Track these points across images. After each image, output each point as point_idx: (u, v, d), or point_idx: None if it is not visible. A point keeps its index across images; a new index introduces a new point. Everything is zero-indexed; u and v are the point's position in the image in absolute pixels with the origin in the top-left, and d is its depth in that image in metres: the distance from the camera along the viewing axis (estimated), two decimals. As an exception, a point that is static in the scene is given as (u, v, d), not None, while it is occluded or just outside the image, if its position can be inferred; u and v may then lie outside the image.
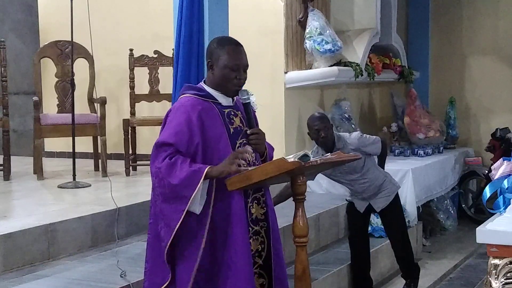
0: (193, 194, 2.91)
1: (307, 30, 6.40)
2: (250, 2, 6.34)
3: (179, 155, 2.96)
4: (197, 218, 2.99)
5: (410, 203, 5.98)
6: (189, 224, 2.98)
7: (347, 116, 6.86)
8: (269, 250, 3.19)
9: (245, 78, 3.15)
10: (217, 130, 3.07)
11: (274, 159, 3.19)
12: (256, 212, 3.16)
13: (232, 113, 3.15)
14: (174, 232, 2.95)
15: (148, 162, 6.61)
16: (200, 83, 3.22)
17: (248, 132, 3.14)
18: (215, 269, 3.03)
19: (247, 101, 3.16)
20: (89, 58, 6.32)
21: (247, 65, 3.14)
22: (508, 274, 2.59)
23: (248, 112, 3.17)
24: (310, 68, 6.48)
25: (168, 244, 2.97)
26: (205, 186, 2.97)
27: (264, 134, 3.19)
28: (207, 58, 3.17)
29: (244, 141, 3.13)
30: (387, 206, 4.92)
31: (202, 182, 2.92)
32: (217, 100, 3.13)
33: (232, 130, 3.11)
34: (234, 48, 3.12)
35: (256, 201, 3.16)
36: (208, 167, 2.94)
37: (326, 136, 4.68)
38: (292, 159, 2.98)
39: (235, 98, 3.20)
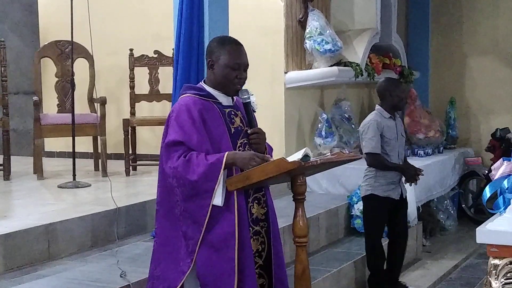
0: (216, 187, 2.91)
1: (307, 30, 6.40)
2: (250, 2, 6.35)
3: (192, 152, 2.95)
4: (224, 208, 2.98)
5: (410, 203, 5.93)
6: (215, 216, 2.96)
7: (347, 116, 6.86)
8: (269, 250, 3.19)
9: (245, 78, 3.15)
10: (219, 130, 3.06)
11: (273, 159, 3.18)
12: (257, 212, 3.16)
13: (233, 113, 3.15)
14: (204, 228, 2.93)
15: (148, 162, 6.65)
16: (200, 82, 3.22)
17: (248, 131, 3.14)
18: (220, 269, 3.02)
19: (247, 101, 3.16)
20: (89, 58, 6.32)
21: (248, 65, 3.14)
22: (508, 274, 2.59)
23: (248, 112, 3.17)
24: (310, 68, 6.48)
25: (200, 240, 2.94)
26: (224, 176, 2.96)
27: (264, 133, 3.19)
28: (207, 58, 3.16)
29: (245, 141, 3.13)
30: (405, 197, 5.02)
31: (222, 173, 2.92)
32: (217, 100, 3.13)
33: (233, 130, 3.11)
34: (235, 47, 3.12)
35: (256, 201, 3.16)
36: (226, 156, 2.93)
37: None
38: (295, 158, 2.98)
39: (234, 98, 3.20)
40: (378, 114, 4.97)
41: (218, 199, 2.94)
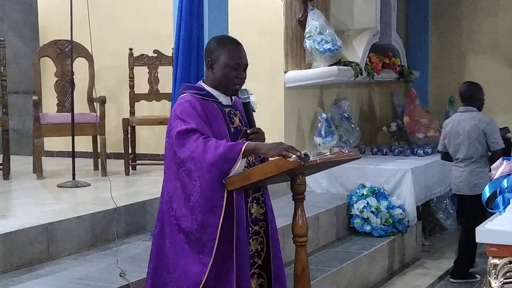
0: (232, 169, 2.87)
1: (306, 30, 6.40)
2: (250, 1, 6.34)
3: (211, 137, 2.92)
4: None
5: (409, 202, 5.98)
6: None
7: (346, 115, 6.86)
8: (268, 250, 3.18)
9: (245, 77, 3.15)
10: (220, 129, 3.06)
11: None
12: (256, 212, 3.16)
13: (232, 112, 3.15)
14: (223, 211, 2.89)
15: (148, 162, 6.62)
16: (199, 82, 3.21)
17: (248, 131, 3.14)
18: (220, 268, 3.01)
19: (247, 100, 3.16)
20: (89, 58, 6.31)
21: (247, 64, 3.14)
22: (508, 274, 2.59)
23: (248, 111, 3.17)
24: (310, 68, 6.48)
25: (220, 227, 2.89)
26: (243, 163, 2.93)
27: (263, 133, 3.19)
28: (206, 57, 3.15)
29: (244, 141, 3.13)
30: None
31: (241, 157, 2.88)
32: (217, 99, 3.12)
33: (232, 129, 3.11)
34: (235, 47, 3.12)
35: (255, 201, 3.16)
36: (247, 143, 2.92)
37: None
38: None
39: (233, 98, 3.20)
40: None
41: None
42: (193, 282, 2.92)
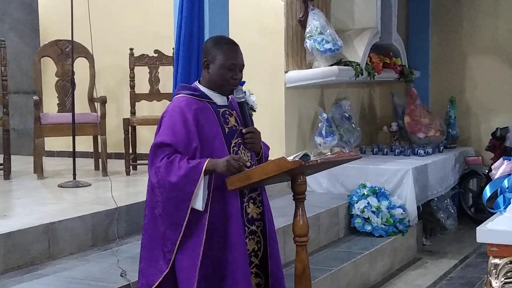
0: (195, 190, 2.92)
1: (307, 30, 6.40)
2: (250, 1, 6.34)
3: (177, 154, 2.97)
4: (195, 214, 2.99)
5: (410, 202, 5.98)
6: (189, 221, 2.98)
7: (347, 115, 6.86)
8: (266, 250, 3.19)
9: (241, 78, 3.15)
10: (213, 130, 3.06)
11: (273, 158, 3.17)
12: (252, 211, 3.16)
13: (227, 112, 3.15)
14: (182, 231, 2.95)
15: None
16: (195, 82, 3.22)
17: (243, 131, 3.14)
18: (213, 269, 3.02)
19: (242, 100, 3.16)
20: (89, 57, 6.32)
21: (243, 65, 3.15)
22: (508, 274, 2.59)
23: (243, 111, 3.17)
24: (311, 68, 6.48)
25: (178, 243, 2.97)
26: (205, 181, 2.97)
27: (259, 133, 3.19)
28: (203, 58, 3.15)
29: (240, 141, 3.13)
30: None
31: (203, 177, 2.93)
32: (212, 100, 3.13)
33: (227, 129, 3.11)
34: (231, 47, 3.12)
35: (252, 201, 3.16)
36: (207, 161, 2.95)
37: None
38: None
39: (230, 97, 3.20)
40: None
41: (199, 203, 2.96)
42: (146, 283, 3.08)
